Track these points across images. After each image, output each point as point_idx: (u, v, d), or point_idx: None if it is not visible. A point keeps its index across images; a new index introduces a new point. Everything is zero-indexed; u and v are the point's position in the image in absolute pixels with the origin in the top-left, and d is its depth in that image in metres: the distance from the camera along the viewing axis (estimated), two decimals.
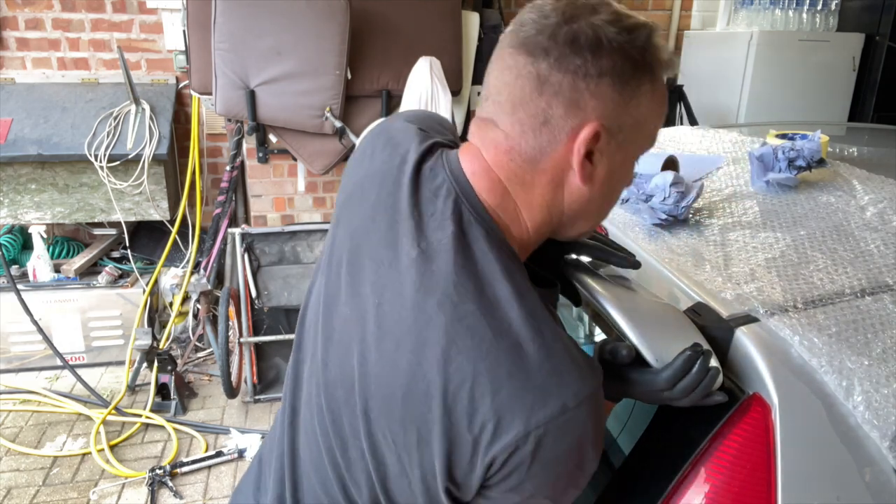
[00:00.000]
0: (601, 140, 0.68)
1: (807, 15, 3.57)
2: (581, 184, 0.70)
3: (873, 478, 0.71)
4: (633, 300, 0.79)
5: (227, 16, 2.65)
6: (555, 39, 0.66)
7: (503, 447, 0.62)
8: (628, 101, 0.68)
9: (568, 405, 0.62)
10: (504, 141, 0.70)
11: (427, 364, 0.64)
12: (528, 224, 0.73)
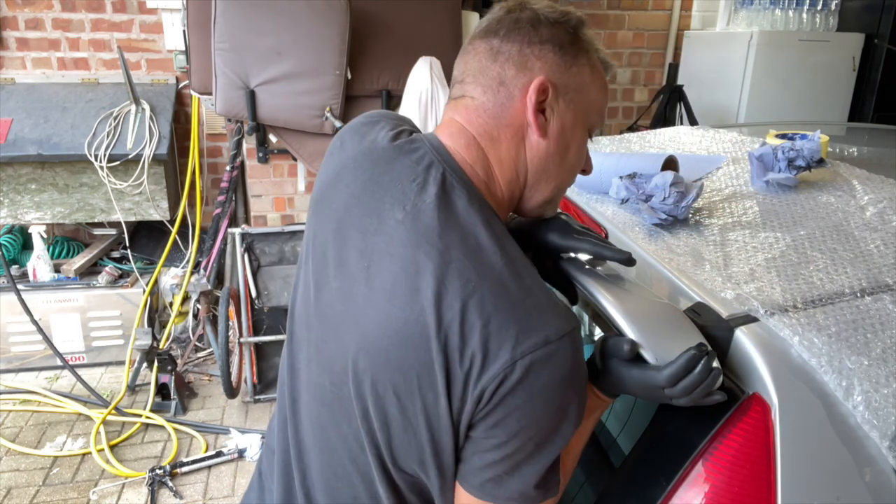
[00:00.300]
0: (549, 94, 0.80)
1: (807, 15, 3.57)
2: (538, 136, 0.80)
3: (873, 478, 0.71)
4: (633, 300, 0.79)
5: (227, 16, 2.65)
6: (501, 23, 0.81)
7: (491, 377, 0.67)
8: (570, 65, 0.81)
9: (550, 338, 0.67)
10: (472, 103, 0.82)
11: (419, 308, 0.69)
12: (501, 179, 0.82)
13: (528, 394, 0.68)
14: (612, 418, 1.00)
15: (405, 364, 0.71)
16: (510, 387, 0.67)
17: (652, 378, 0.73)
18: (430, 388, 0.70)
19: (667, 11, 3.87)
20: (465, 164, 0.80)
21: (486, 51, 0.81)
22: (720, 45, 3.59)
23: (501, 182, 0.82)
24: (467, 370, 0.68)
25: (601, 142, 1.64)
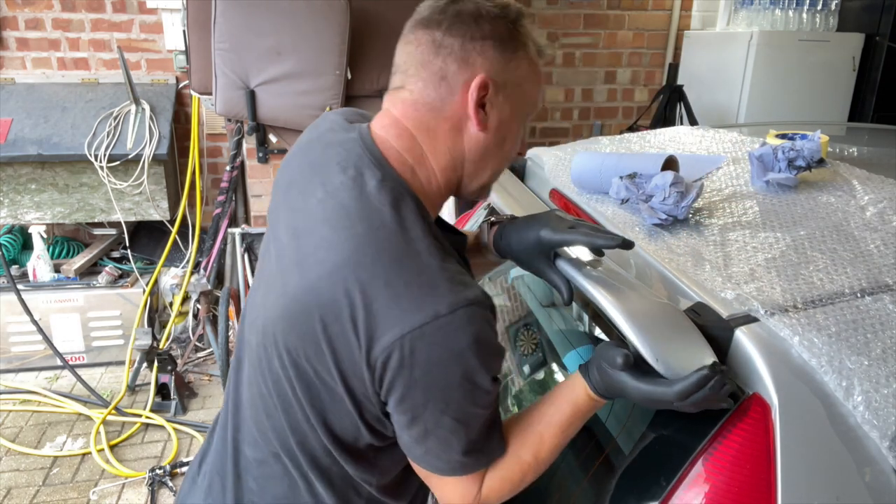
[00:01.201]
0: (489, 90, 0.83)
1: (807, 15, 3.57)
2: (477, 129, 0.84)
3: (873, 478, 0.71)
4: (633, 300, 0.79)
5: (227, 16, 2.65)
6: (444, 13, 0.83)
7: (381, 350, 0.71)
8: (509, 61, 0.84)
9: (440, 312, 0.70)
10: (410, 97, 0.84)
11: (319, 280, 0.75)
12: (435, 167, 0.85)
13: (423, 368, 0.72)
14: (612, 418, 1.00)
15: (307, 332, 0.76)
16: (401, 362, 0.71)
17: (662, 393, 0.74)
18: (341, 361, 0.75)
19: (667, 11, 3.87)
20: (390, 151, 0.83)
21: (428, 43, 0.83)
22: (720, 45, 3.59)
23: (437, 170, 0.85)
24: (362, 342, 0.72)
25: (601, 142, 1.64)
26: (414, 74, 0.84)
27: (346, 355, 0.75)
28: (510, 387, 1.24)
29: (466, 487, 0.82)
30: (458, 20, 0.82)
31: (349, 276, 0.73)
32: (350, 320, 0.72)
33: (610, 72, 3.94)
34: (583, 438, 1.00)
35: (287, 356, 0.80)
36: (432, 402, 0.74)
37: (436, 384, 0.73)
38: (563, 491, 0.99)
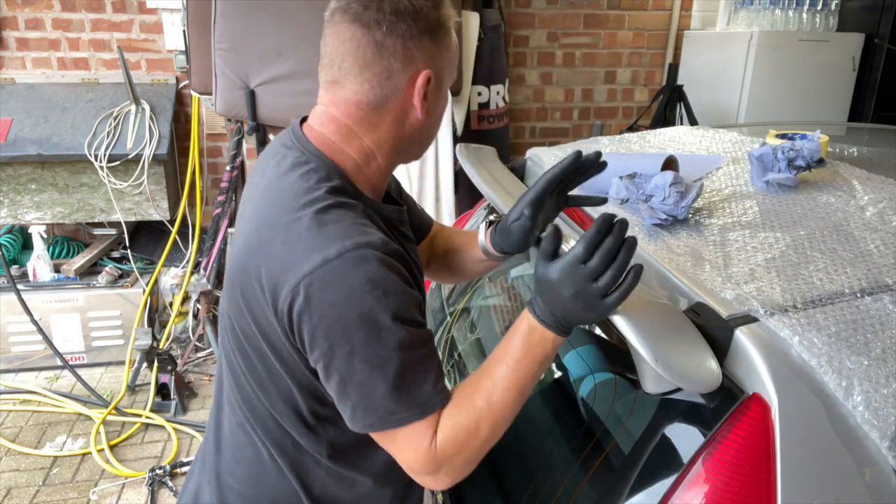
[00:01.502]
0: (431, 81, 0.89)
1: (807, 15, 3.57)
2: (420, 117, 0.91)
3: (873, 478, 0.71)
4: (633, 300, 0.79)
5: (227, 16, 2.65)
6: (382, 11, 0.85)
7: (283, 300, 0.78)
8: (440, 50, 0.90)
9: (329, 257, 0.76)
10: (354, 97, 0.89)
11: (240, 253, 0.86)
12: (378, 155, 0.92)
13: (319, 312, 0.77)
14: (612, 418, 1.00)
15: (234, 302, 0.86)
16: (301, 308, 0.77)
17: (572, 256, 0.76)
18: (250, 319, 0.84)
19: (667, 11, 3.87)
20: (319, 137, 0.90)
21: (368, 44, 0.86)
22: (720, 45, 3.59)
23: (380, 157, 0.92)
24: (265, 300, 0.80)
25: (601, 142, 1.64)
26: (357, 75, 0.88)
27: (261, 314, 0.82)
28: None
29: (414, 440, 0.81)
30: (398, 18, 0.86)
31: (254, 240, 0.83)
32: (256, 280, 0.80)
33: (610, 72, 3.94)
34: (583, 438, 1.00)
35: (230, 329, 0.89)
36: (337, 346, 0.77)
37: (335, 327, 0.77)
38: (563, 491, 0.99)
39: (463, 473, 0.84)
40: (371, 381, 0.78)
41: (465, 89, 3.13)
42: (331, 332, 0.77)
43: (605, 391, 1.03)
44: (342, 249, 0.77)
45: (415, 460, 0.82)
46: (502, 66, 3.37)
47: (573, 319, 0.79)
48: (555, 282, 0.77)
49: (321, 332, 0.77)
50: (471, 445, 0.81)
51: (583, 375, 1.10)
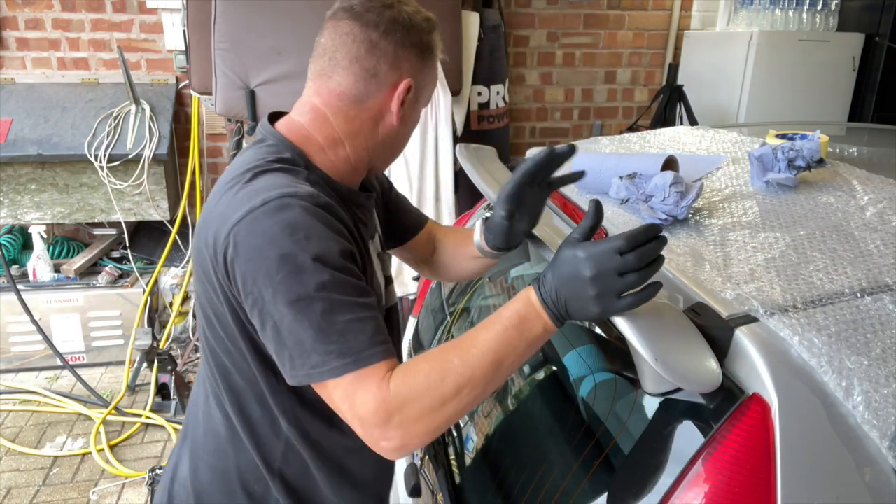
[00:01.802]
0: (411, 92, 0.97)
1: (807, 15, 3.57)
2: (395, 123, 0.98)
3: (873, 478, 0.71)
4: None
5: (227, 16, 2.65)
6: (381, 16, 0.93)
7: (220, 253, 0.84)
8: (425, 66, 0.98)
9: (254, 206, 0.82)
10: (338, 88, 0.95)
11: (201, 220, 0.91)
12: (348, 145, 0.97)
13: (245, 256, 0.81)
14: (612, 418, 1.00)
15: (199, 272, 0.92)
16: (232, 255, 0.82)
17: (611, 243, 0.75)
18: (206, 279, 0.89)
19: (667, 11, 3.87)
20: (291, 126, 0.97)
21: (364, 41, 0.93)
22: (720, 45, 3.59)
23: (350, 151, 0.98)
24: (212, 256, 0.85)
25: (601, 142, 1.64)
26: (346, 67, 0.94)
27: (213, 278, 0.87)
28: (510, 386, 1.24)
29: (359, 390, 0.77)
30: (394, 26, 0.94)
31: (205, 212, 0.91)
32: (205, 245, 0.87)
33: (610, 72, 3.94)
34: (583, 438, 1.00)
35: (199, 302, 0.96)
36: (263, 289, 0.80)
37: (259, 270, 0.80)
38: (563, 491, 0.99)
39: (416, 433, 0.77)
40: (298, 325, 0.78)
41: (465, 89, 3.13)
42: (257, 276, 0.80)
43: (605, 391, 1.03)
44: (267, 199, 0.82)
45: (363, 403, 0.77)
46: (502, 66, 3.37)
47: (575, 307, 0.77)
48: (580, 258, 0.76)
49: (249, 278, 0.81)
50: (431, 395, 0.76)
51: (583, 375, 1.10)
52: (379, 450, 0.79)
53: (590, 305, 0.76)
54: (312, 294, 0.78)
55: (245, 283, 0.82)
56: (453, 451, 1.30)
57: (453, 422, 0.81)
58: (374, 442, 0.78)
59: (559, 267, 0.78)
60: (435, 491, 1.22)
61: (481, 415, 1.28)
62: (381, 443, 0.78)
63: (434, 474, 1.23)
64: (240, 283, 0.82)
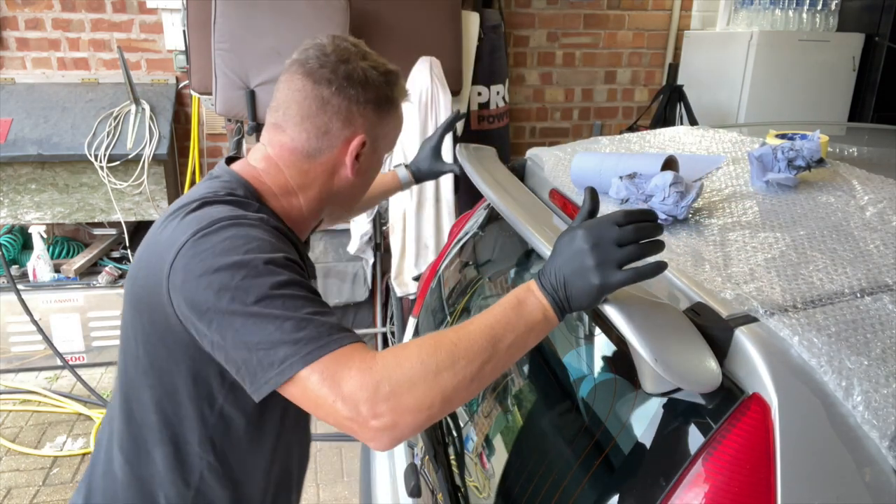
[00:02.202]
0: (366, 146, 0.99)
1: (807, 15, 3.57)
2: (350, 176, 1.00)
3: (873, 478, 0.71)
4: (632, 300, 0.79)
5: (227, 16, 2.65)
6: (335, 73, 0.94)
7: (166, 274, 0.83)
8: (383, 121, 1.01)
9: (201, 227, 0.83)
10: (290, 143, 0.97)
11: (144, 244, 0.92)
12: (301, 195, 1.00)
13: (196, 273, 0.80)
14: (612, 418, 1.00)
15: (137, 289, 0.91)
16: (182, 275, 0.81)
17: (608, 215, 0.76)
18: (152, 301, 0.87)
19: (667, 11, 3.87)
20: (249, 171, 0.98)
21: (315, 98, 0.95)
22: (720, 45, 3.59)
23: (303, 200, 1.00)
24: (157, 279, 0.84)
25: (601, 142, 1.64)
26: (298, 124, 0.96)
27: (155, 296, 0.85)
28: (510, 386, 1.24)
29: (340, 367, 0.73)
30: (348, 83, 0.94)
31: (154, 238, 0.90)
32: (157, 265, 0.85)
33: (610, 72, 3.94)
34: (583, 438, 1.00)
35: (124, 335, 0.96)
36: (218, 300, 0.78)
37: (212, 282, 0.78)
38: (563, 491, 0.98)
39: (408, 408, 0.71)
40: (262, 323, 0.75)
41: (465, 89, 3.13)
42: (209, 289, 0.78)
43: (605, 391, 1.03)
44: (214, 221, 0.84)
45: (347, 379, 0.72)
46: (502, 66, 3.37)
47: (576, 286, 0.76)
48: (579, 234, 0.76)
49: (202, 294, 0.79)
50: (423, 365, 0.72)
51: (583, 375, 1.10)
52: (369, 437, 0.72)
53: (590, 276, 0.75)
54: (271, 293, 0.77)
55: (196, 301, 0.79)
56: (453, 451, 1.30)
57: (449, 404, 0.74)
58: (363, 424, 0.71)
59: (559, 252, 0.79)
60: (435, 491, 1.22)
61: (481, 415, 1.28)
62: (370, 422, 0.71)
63: (434, 474, 1.23)
64: (190, 303, 0.80)
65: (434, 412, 0.73)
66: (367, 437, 0.73)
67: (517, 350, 0.78)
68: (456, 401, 0.75)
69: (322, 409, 0.74)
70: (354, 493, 2.52)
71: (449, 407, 0.75)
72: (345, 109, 0.95)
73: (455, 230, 1.83)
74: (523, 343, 0.78)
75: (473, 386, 0.75)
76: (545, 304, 0.78)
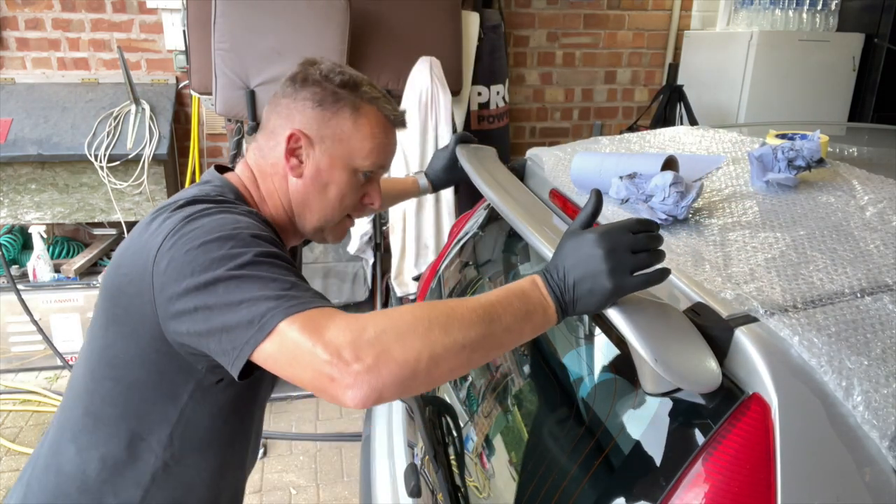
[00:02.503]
0: (302, 141, 0.98)
1: (807, 15, 3.57)
2: (293, 176, 1.00)
3: (873, 478, 0.71)
4: (632, 300, 0.79)
5: (227, 16, 2.65)
6: (294, 80, 1.00)
7: (151, 261, 0.83)
8: (328, 119, 0.98)
9: (187, 215, 0.85)
10: (255, 146, 1.04)
11: (135, 232, 0.92)
12: (271, 206, 1.02)
13: (183, 248, 0.80)
14: (612, 418, 1.00)
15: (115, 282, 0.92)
16: (168, 258, 0.81)
17: (623, 222, 0.79)
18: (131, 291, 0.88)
19: (667, 11, 3.87)
20: (238, 183, 1.02)
21: (272, 104, 1.01)
22: (720, 45, 3.59)
23: (271, 207, 1.02)
24: (141, 268, 0.85)
25: (601, 142, 1.64)
26: (262, 128, 1.03)
27: (136, 284, 0.86)
28: (510, 386, 1.24)
29: (321, 318, 0.71)
30: (290, 84, 0.99)
31: (137, 236, 0.90)
32: (142, 255, 0.86)
33: (610, 72, 3.94)
34: (583, 438, 1.00)
35: (99, 328, 0.95)
36: (203, 270, 0.78)
37: (199, 255, 0.79)
38: (563, 491, 0.99)
39: (394, 356, 0.67)
40: (245, 286, 0.75)
41: (465, 89, 3.13)
42: (195, 263, 0.78)
43: (605, 391, 1.03)
44: (204, 209, 0.87)
45: (331, 326, 0.70)
46: (502, 66, 3.37)
47: (585, 288, 0.75)
48: (592, 237, 0.76)
49: (187, 268, 0.79)
50: (415, 317, 0.70)
51: (583, 375, 1.10)
52: (348, 383, 0.66)
53: (604, 280, 0.75)
54: (256, 259, 0.78)
55: (181, 276, 0.78)
56: (453, 451, 1.30)
57: (436, 366, 0.69)
58: (342, 368, 0.67)
59: (567, 254, 0.78)
60: (435, 491, 1.22)
61: (481, 415, 1.28)
62: (352, 366, 0.66)
63: (434, 474, 1.23)
64: (174, 280, 0.79)
65: (419, 370, 0.68)
66: (345, 385, 0.67)
67: (511, 336, 0.76)
68: (443, 365, 0.70)
69: (298, 361, 0.70)
70: (354, 493, 2.52)
71: (435, 370, 0.70)
72: (284, 107, 0.99)
73: (455, 230, 1.83)
74: (519, 331, 0.76)
75: (463, 355, 0.71)
76: (548, 302, 0.78)
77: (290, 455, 2.71)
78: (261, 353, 0.73)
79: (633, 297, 0.80)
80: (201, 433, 0.97)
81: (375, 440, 1.58)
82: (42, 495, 0.97)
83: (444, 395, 1.44)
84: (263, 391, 1.10)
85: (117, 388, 0.92)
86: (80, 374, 0.98)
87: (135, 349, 0.89)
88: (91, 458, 0.94)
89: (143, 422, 0.93)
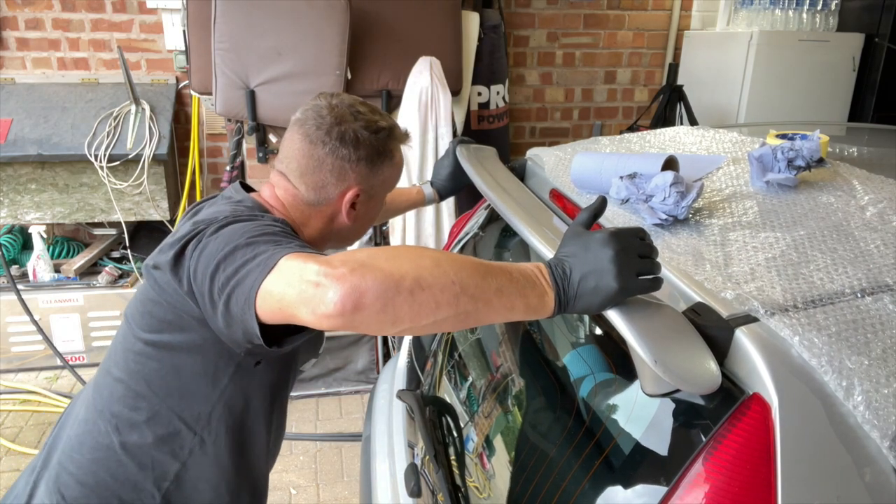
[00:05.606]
0: (360, 198, 1.11)
1: (807, 15, 3.57)
2: (347, 222, 1.12)
3: (873, 478, 0.71)
4: (632, 301, 0.79)
5: (227, 16, 2.65)
6: (330, 135, 1.05)
7: (184, 240, 0.93)
8: (376, 173, 1.11)
9: (224, 213, 0.96)
10: (292, 190, 1.09)
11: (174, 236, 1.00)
12: (305, 233, 1.11)
13: (203, 240, 0.90)
14: (612, 418, 1.00)
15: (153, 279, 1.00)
16: (199, 235, 0.92)
17: (632, 227, 0.81)
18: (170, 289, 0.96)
19: (667, 11, 3.87)
20: (269, 206, 1.09)
21: (311, 157, 1.06)
22: (720, 45, 3.59)
23: (306, 234, 1.11)
24: (179, 246, 0.93)
25: (601, 142, 1.64)
26: (298, 178, 1.08)
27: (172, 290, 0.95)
28: (510, 386, 1.24)
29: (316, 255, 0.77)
30: (341, 144, 1.05)
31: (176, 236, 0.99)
32: (172, 255, 0.94)
33: (610, 72, 3.94)
34: (583, 438, 1.00)
35: (137, 316, 1.04)
36: (225, 242, 0.87)
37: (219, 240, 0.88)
38: (563, 491, 0.99)
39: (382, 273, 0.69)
40: (255, 247, 0.83)
41: (465, 89, 3.13)
42: (222, 237, 0.88)
43: (605, 391, 1.03)
44: (235, 211, 0.98)
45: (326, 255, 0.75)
46: (502, 66, 3.37)
47: (588, 286, 0.76)
48: (602, 238, 0.77)
49: (212, 246, 0.88)
50: (408, 252, 0.74)
51: (583, 375, 1.10)
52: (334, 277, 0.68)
53: (610, 280, 0.75)
54: (277, 238, 0.87)
55: (207, 255, 0.87)
56: (453, 452, 1.30)
57: (419, 290, 0.69)
58: (329, 272, 0.69)
59: (575, 249, 0.79)
60: (435, 491, 1.22)
61: (481, 415, 1.28)
62: (339, 268, 0.68)
63: (434, 474, 1.23)
64: (202, 260, 0.88)
65: (403, 286, 0.69)
66: (326, 286, 0.68)
67: (502, 301, 0.74)
68: (427, 292, 0.70)
69: (291, 283, 0.73)
70: (354, 493, 2.52)
71: (419, 292, 0.69)
72: (338, 168, 1.06)
73: (455, 230, 1.83)
74: (510, 300, 0.75)
75: (450, 292, 0.71)
76: (548, 290, 0.78)
77: (290, 455, 2.71)
78: (263, 289, 0.77)
79: (633, 298, 0.80)
80: (236, 413, 1.05)
81: (375, 440, 1.58)
82: (78, 472, 1.03)
83: (444, 394, 1.44)
84: (293, 376, 1.20)
85: (162, 369, 1.00)
86: (119, 355, 1.05)
87: (181, 336, 0.98)
88: (131, 433, 1.01)
89: (184, 401, 1.01)
